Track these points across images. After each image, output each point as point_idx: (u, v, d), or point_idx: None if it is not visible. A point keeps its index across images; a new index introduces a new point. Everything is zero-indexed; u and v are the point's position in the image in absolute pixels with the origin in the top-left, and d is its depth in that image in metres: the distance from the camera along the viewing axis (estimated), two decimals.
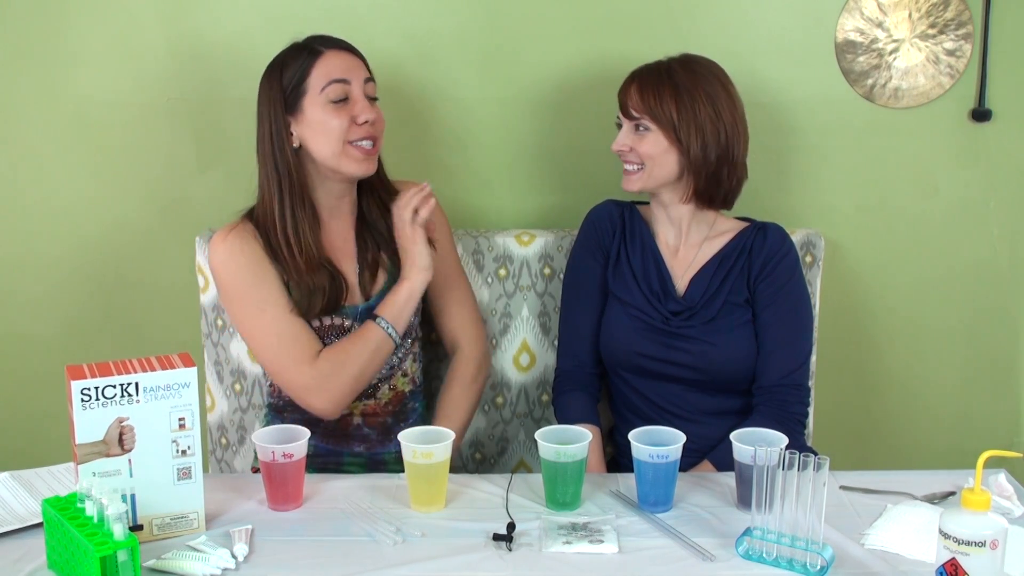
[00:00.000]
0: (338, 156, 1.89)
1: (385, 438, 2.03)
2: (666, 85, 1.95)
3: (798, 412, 1.98)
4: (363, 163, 1.90)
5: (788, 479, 1.44)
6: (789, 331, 1.99)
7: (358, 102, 1.89)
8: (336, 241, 1.98)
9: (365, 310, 1.96)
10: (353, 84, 1.89)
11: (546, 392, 2.28)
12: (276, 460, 1.65)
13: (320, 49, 1.90)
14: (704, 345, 1.98)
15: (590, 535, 1.56)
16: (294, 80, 1.89)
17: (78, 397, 1.48)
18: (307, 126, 1.89)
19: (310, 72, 1.88)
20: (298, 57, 1.90)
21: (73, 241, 2.40)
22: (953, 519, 1.34)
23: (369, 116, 1.89)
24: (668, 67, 1.99)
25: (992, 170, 2.36)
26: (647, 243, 2.07)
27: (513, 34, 2.30)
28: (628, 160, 2.00)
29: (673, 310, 2.01)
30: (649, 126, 1.96)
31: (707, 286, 2.00)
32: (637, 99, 1.96)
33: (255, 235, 1.92)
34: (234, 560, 1.49)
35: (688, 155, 1.95)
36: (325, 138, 1.88)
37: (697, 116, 1.94)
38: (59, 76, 2.32)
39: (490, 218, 2.37)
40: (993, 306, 2.42)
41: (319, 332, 1.94)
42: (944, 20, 2.27)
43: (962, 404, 2.47)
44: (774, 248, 2.00)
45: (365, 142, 1.89)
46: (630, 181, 2.01)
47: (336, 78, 1.88)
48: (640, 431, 1.67)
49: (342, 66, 1.90)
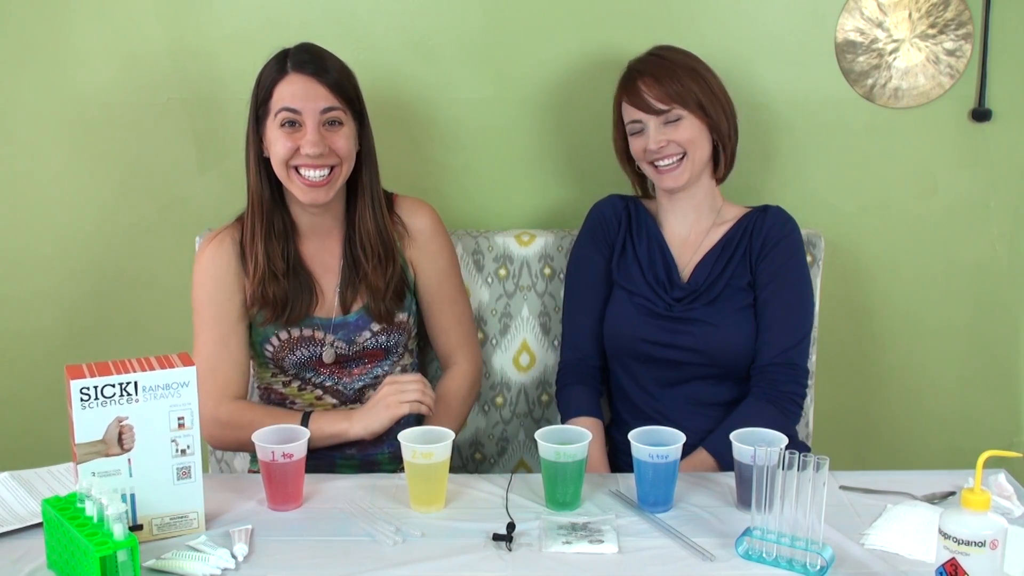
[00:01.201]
0: (285, 180, 1.90)
1: (377, 439, 2.01)
2: (678, 69, 1.98)
3: (790, 391, 1.96)
4: (308, 192, 1.89)
5: (788, 479, 1.44)
6: (786, 310, 1.99)
7: (307, 132, 1.87)
8: (317, 253, 1.99)
9: (340, 323, 1.97)
10: (305, 115, 1.87)
11: (546, 392, 2.28)
12: (276, 460, 1.65)
13: (286, 69, 1.89)
14: (706, 327, 1.98)
15: (590, 535, 1.56)
16: (261, 95, 1.91)
17: (77, 397, 1.48)
18: (268, 141, 1.91)
19: (272, 92, 1.89)
20: (269, 71, 1.91)
21: (73, 240, 2.40)
22: (953, 519, 1.34)
23: (312, 149, 1.85)
24: (662, 56, 2.02)
25: (992, 170, 2.36)
26: (653, 234, 2.08)
27: (513, 34, 2.30)
28: (666, 155, 1.98)
29: (677, 296, 2.02)
30: (680, 113, 1.97)
31: (711, 270, 2.01)
32: (659, 91, 1.97)
33: (235, 241, 1.96)
34: (234, 560, 1.49)
35: (719, 129, 2.00)
36: (274, 158, 1.90)
37: (714, 90, 2.00)
38: (59, 76, 2.32)
39: (490, 218, 2.37)
40: (993, 306, 2.42)
41: (288, 343, 1.95)
42: (944, 20, 2.27)
43: (962, 404, 2.47)
44: (774, 228, 2.02)
45: (309, 172, 1.87)
46: (675, 176, 1.99)
47: (287, 106, 1.87)
48: (640, 431, 1.67)
49: (299, 94, 1.87)
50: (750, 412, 1.91)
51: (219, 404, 1.90)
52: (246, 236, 1.94)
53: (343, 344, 1.98)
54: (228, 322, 1.94)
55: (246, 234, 1.94)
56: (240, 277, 1.94)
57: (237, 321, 1.94)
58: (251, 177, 1.94)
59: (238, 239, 1.96)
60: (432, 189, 2.34)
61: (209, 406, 1.87)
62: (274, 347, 1.97)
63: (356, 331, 1.98)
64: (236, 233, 1.97)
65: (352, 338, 1.98)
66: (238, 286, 1.94)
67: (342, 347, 1.98)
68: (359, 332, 1.98)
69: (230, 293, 1.94)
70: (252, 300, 1.93)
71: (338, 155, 1.89)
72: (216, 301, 1.94)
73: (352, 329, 1.98)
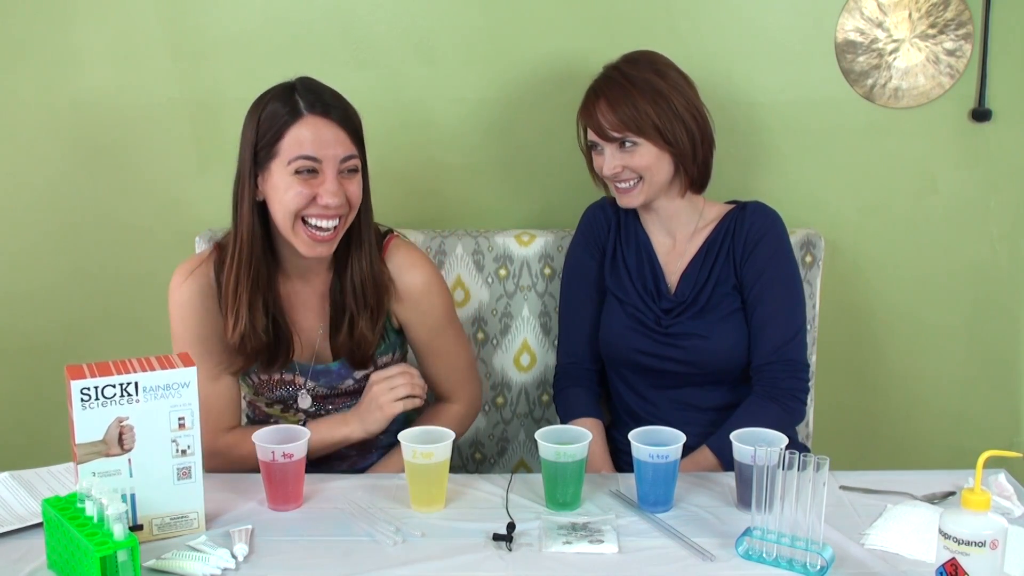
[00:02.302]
0: (289, 231, 1.76)
1: (366, 452, 1.99)
2: (635, 92, 1.91)
3: (791, 387, 1.94)
4: (313, 247, 1.77)
5: (788, 479, 1.44)
6: (777, 306, 1.96)
7: (326, 181, 1.73)
8: (300, 292, 1.88)
9: (322, 371, 1.89)
10: (325, 163, 1.73)
11: (546, 392, 2.28)
12: (276, 460, 1.64)
13: (302, 112, 1.74)
14: (696, 340, 1.97)
15: (590, 535, 1.56)
16: (267, 137, 1.74)
17: (78, 397, 1.48)
18: (271, 187, 1.76)
19: (283, 135, 1.73)
20: (278, 112, 1.74)
21: (73, 240, 2.40)
22: (953, 519, 1.34)
23: (333, 200, 1.72)
24: (623, 74, 1.94)
25: (992, 170, 2.36)
26: (642, 241, 2.07)
27: (513, 34, 2.30)
28: (622, 179, 1.97)
29: (664, 308, 2.01)
30: (636, 140, 1.92)
31: (695, 279, 2.00)
32: (613, 118, 1.92)
33: (209, 278, 1.84)
34: (234, 560, 1.49)
35: (679, 151, 1.93)
36: (281, 208, 1.75)
37: (674, 109, 1.92)
38: (60, 76, 2.32)
39: (490, 218, 2.37)
40: (993, 306, 2.43)
41: (267, 383, 1.89)
42: (944, 20, 2.27)
43: (962, 404, 2.47)
44: (755, 226, 1.98)
45: (322, 222, 1.75)
46: (631, 197, 1.98)
47: (306, 154, 1.72)
48: (640, 431, 1.67)
49: (318, 141, 1.73)
50: (753, 411, 1.90)
51: (215, 439, 1.82)
52: (227, 285, 1.79)
53: (323, 389, 1.92)
54: (215, 358, 1.84)
55: (227, 284, 1.79)
56: (219, 315, 1.83)
57: (223, 354, 1.84)
58: (242, 224, 1.78)
59: (213, 277, 1.84)
60: (432, 189, 2.34)
61: (206, 441, 1.68)
62: (254, 384, 1.92)
63: (338, 379, 1.91)
64: (210, 270, 1.85)
65: (334, 385, 1.92)
66: (218, 326, 1.82)
67: (321, 391, 1.92)
68: (342, 380, 1.92)
69: (214, 328, 1.83)
70: (230, 350, 1.82)
71: (350, 204, 1.78)
72: (201, 338, 1.83)
73: (334, 377, 1.91)
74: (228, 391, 1.89)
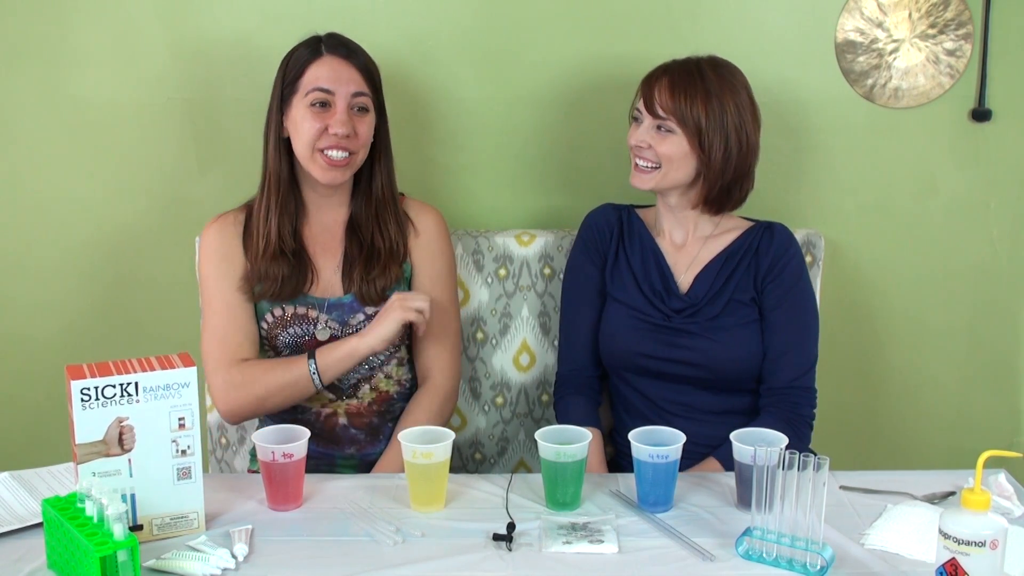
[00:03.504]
0: (307, 160, 1.93)
1: (374, 438, 2.03)
2: (698, 87, 1.91)
3: (807, 415, 1.97)
4: (328, 172, 1.93)
5: (788, 479, 1.44)
6: (798, 333, 1.98)
7: (337, 113, 1.91)
8: (321, 235, 2.02)
9: (335, 304, 1.98)
10: (337, 95, 1.91)
11: (546, 392, 2.28)
12: (276, 460, 1.65)
13: (320, 51, 1.94)
14: (706, 342, 1.97)
15: (590, 535, 1.56)
16: (291, 75, 1.94)
17: (78, 397, 1.48)
18: (292, 122, 1.94)
19: (304, 72, 1.93)
20: (302, 53, 1.95)
21: (73, 241, 2.40)
22: (953, 519, 1.34)
23: (341, 129, 1.90)
24: (700, 68, 1.94)
25: (992, 170, 2.36)
26: (647, 243, 2.06)
27: (513, 34, 2.30)
28: (643, 157, 1.96)
29: (675, 307, 2.00)
30: (674, 128, 1.92)
31: (712, 283, 1.99)
32: (667, 97, 1.92)
33: (238, 223, 1.99)
34: (234, 560, 1.49)
35: (708, 162, 1.92)
36: (299, 139, 1.93)
37: (724, 125, 1.91)
38: (59, 76, 2.32)
39: (490, 218, 2.37)
40: (993, 306, 2.42)
41: (282, 320, 1.96)
42: (944, 20, 2.27)
43: (962, 403, 2.47)
44: (782, 248, 1.99)
45: (333, 152, 1.91)
46: (641, 179, 1.97)
47: (320, 86, 1.91)
48: (640, 431, 1.67)
49: (332, 75, 1.92)
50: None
51: (231, 368, 1.92)
52: (259, 214, 1.97)
53: (336, 324, 1.98)
54: (234, 294, 1.96)
55: (259, 212, 1.97)
56: (242, 255, 1.97)
57: (242, 293, 1.97)
58: (270, 157, 1.97)
59: (242, 221, 2.00)
60: (432, 189, 2.34)
61: (221, 372, 1.92)
62: (268, 324, 1.98)
63: (350, 313, 1.98)
64: (241, 216, 2.01)
65: (345, 319, 1.98)
66: (241, 263, 1.97)
67: (335, 327, 1.98)
68: (352, 314, 1.98)
69: (235, 268, 1.97)
70: (254, 275, 1.96)
71: (360, 140, 1.93)
72: (222, 274, 1.97)
73: (346, 310, 1.98)
74: (246, 325, 1.97)
